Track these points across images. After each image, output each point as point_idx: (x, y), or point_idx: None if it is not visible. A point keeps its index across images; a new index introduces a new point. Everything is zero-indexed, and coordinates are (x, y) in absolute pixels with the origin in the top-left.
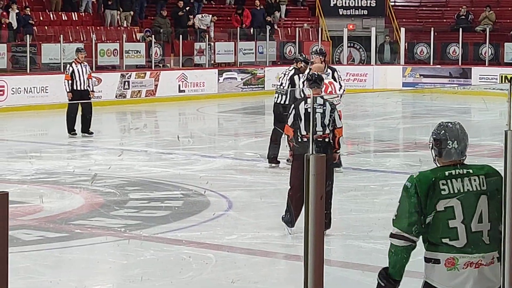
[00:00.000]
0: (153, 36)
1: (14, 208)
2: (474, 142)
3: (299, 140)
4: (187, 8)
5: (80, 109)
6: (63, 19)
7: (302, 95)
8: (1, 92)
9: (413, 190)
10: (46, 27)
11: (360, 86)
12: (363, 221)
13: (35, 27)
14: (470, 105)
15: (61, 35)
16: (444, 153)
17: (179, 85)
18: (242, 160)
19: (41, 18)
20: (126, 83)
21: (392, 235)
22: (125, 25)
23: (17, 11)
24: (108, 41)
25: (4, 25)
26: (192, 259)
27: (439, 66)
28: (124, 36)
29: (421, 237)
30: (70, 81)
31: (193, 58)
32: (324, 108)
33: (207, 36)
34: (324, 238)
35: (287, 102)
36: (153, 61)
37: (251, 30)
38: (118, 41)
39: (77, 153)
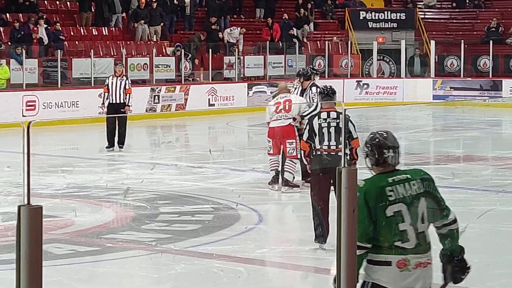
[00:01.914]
0: (183, 50)
1: (46, 222)
2: (505, 155)
3: (315, 154)
4: (215, 21)
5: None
6: (94, 34)
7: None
8: (33, 107)
9: (363, 199)
10: (76, 42)
11: (390, 99)
12: None
13: (66, 42)
14: (501, 117)
15: (92, 50)
16: (381, 161)
17: (209, 99)
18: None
19: (72, 33)
20: (156, 97)
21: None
22: (155, 39)
23: (46, 26)
24: (138, 56)
25: (35, 40)
26: (223, 273)
27: (469, 79)
28: (154, 50)
29: None
30: (105, 94)
31: (222, 72)
32: (338, 121)
33: (236, 50)
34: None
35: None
36: (183, 75)
37: (280, 44)
38: (148, 56)
39: (108, 167)
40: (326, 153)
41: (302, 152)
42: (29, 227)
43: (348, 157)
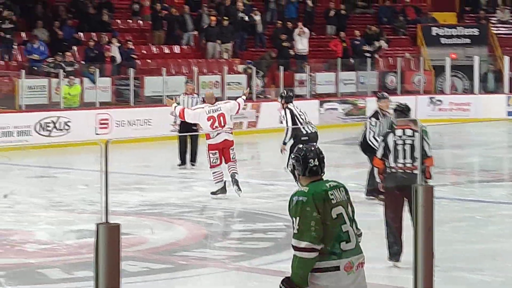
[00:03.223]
0: (254, 68)
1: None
2: None
3: (389, 172)
4: (285, 38)
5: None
6: (165, 52)
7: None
8: (106, 125)
9: (312, 202)
10: (148, 61)
11: (464, 115)
12: (469, 252)
13: (138, 61)
14: None
15: (164, 68)
16: (307, 171)
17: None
18: None
19: (144, 52)
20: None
21: (302, 249)
22: (226, 57)
23: (118, 44)
24: (209, 73)
25: (107, 59)
26: None
27: None
28: (225, 68)
29: None
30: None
31: (293, 89)
32: (413, 139)
33: (307, 66)
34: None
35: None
36: (254, 93)
37: (352, 60)
38: (219, 73)
39: (180, 184)
40: (402, 171)
41: (376, 169)
42: (107, 244)
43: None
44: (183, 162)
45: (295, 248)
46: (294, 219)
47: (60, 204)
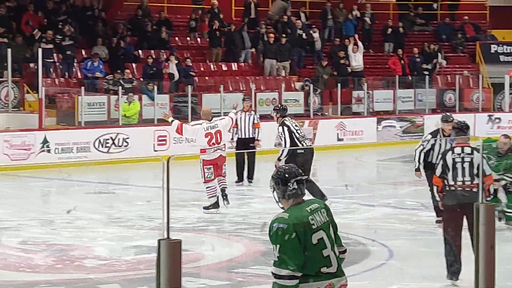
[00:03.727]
0: (311, 85)
1: None
2: None
3: (448, 190)
4: (343, 56)
5: (246, 157)
6: (223, 69)
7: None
8: (164, 142)
9: (292, 230)
10: (206, 78)
11: None
12: None
13: (196, 78)
14: None
15: (221, 85)
16: (287, 194)
17: (338, 134)
18: (402, 209)
19: (202, 69)
20: None
21: (282, 277)
22: (283, 74)
23: (176, 62)
24: (267, 91)
25: (166, 76)
26: None
27: None
28: (283, 85)
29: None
30: (234, 129)
31: (351, 106)
32: (472, 157)
33: (365, 84)
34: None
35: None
36: (311, 110)
37: (410, 78)
38: (276, 91)
39: (238, 201)
40: (461, 188)
41: (435, 187)
42: (168, 260)
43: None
44: (240, 179)
45: (276, 276)
46: (274, 246)
47: (119, 220)
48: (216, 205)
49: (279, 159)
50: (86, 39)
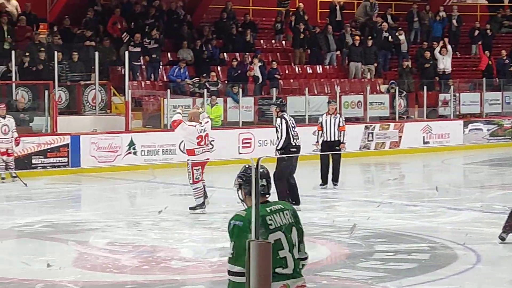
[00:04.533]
0: (397, 87)
1: None
2: None
3: None
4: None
5: (331, 160)
6: (308, 72)
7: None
8: (248, 144)
9: (247, 228)
10: (291, 80)
11: None
12: None
13: (280, 80)
14: None
15: (306, 88)
16: (256, 190)
17: (424, 137)
18: (490, 213)
19: (287, 72)
20: (370, 135)
21: (234, 274)
22: (368, 77)
23: (261, 64)
24: (352, 93)
25: (250, 79)
26: None
27: None
28: (368, 88)
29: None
30: (320, 132)
31: (437, 109)
32: None
33: (451, 87)
34: None
35: None
36: (397, 113)
37: (497, 80)
38: (362, 93)
39: (322, 204)
40: None
41: None
42: (258, 261)
43: None
44: (324, 182)
45: (229, 273)
46: (230, 243)
47: (204, 222)
48: (203, 205)
49: (277, 149)
50: (172, 42)
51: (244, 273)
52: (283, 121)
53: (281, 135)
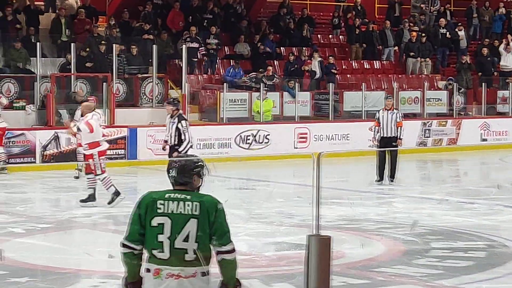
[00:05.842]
0: (455, 84)
1: None
2: None
3: None
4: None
5: (388, 156)
6: (365, 67)
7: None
8: (304, 139)
9: (138, 205)
10: (348, 76)
11: None
12: None
13: (337, 76)
14: None
15: (363, 83)
16: (170, 180)
17: (481, 134)
18: None
19: (344, 67)
20: (427, 131)
21: (121, 244)
22: (426, 73)
23: (319, 59)
24: (409, 89)
25: (307, 74)
26: None
27: None
28: (426, 84)
29: None
30: (377, 128)
31: (496, 106)
32: None
33: (510, 84)
34: None
35: None
36: (455, 109)
37: None
38: (419, 89)
39: (378, 200)
40: None
41: None
42: (318, 256)
43: None
44: (381, 178)
45: (120, 243)
46: None
47: (259, 216)
48: (93, 197)
49: (179, 151)
50: (229, 36)
51: (128, 245)
52: (187, 122)
53: (185, 138)
